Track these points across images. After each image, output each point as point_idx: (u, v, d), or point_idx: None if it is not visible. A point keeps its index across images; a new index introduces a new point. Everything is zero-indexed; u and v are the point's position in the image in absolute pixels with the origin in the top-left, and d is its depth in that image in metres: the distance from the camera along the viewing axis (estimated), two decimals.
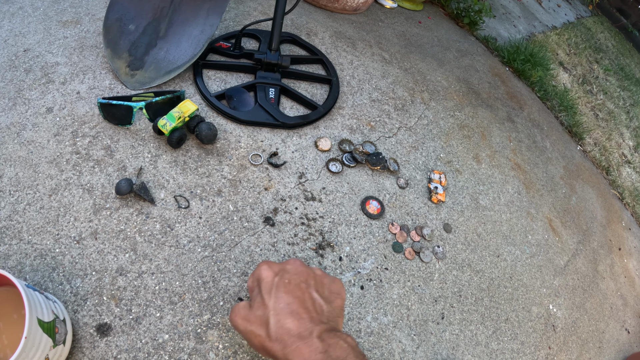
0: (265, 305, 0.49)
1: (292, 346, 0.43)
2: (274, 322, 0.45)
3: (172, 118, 0.91)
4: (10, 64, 1.00)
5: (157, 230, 0.84)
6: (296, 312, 0.47)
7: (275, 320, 0.46)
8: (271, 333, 0.45)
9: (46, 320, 0.58)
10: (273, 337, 0.45)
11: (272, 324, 0.45)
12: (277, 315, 0.46)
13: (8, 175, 0.83)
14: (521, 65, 2.08)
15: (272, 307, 0.48)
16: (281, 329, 0.45)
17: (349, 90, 1.33)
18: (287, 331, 0.44)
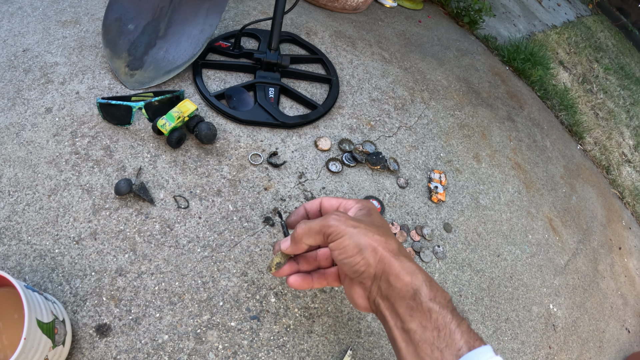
0: (381, 220, 0.46)
1: (411, 260, 0.41)
2: (392, 237, 0.43)
3: (172, 118, 0.91)
4: (9, 64, 1.00)
5: (156, 231, 0.84)
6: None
7: (392, 236, 0.43)
8: (391, 240, 0.42)
9: (45, 321, 0.58)
10: (394, 244, 0.42)
11: (391, 237, 0.43)
12: (392, 236, 0.44)
13: (7, 175, 0.83)
14: (521, 64, 2.08)
15: (387, 227, 0.46)
16: (398, 247, 0.43)
17: (348, 90, 1.33)
18: (405, 252, 0.43)
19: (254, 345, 0.78)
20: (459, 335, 0.35)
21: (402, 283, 0.39)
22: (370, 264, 0.41)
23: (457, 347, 0.35)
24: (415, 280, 0.39)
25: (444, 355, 0.35)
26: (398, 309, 0.39)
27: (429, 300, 0.37)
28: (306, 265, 0.53)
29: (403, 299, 0.39)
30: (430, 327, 0.36)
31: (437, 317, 0.37)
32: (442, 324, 0.36)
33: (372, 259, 0.40)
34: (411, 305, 0.38)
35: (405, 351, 0.38)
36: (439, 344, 0.35)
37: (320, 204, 0.51)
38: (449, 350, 0.35)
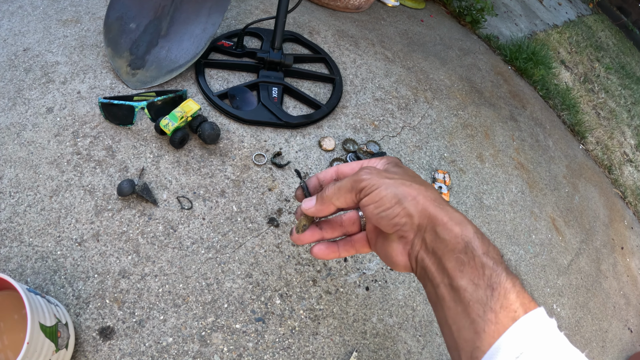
0: (413, 174, 0.42)
1: (457, 211, 0.37)
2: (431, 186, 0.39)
3: (175, 118, 0.90)
4: (9, 63, 0.99)
5: (160, 232, 0.83)
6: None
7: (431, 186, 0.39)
8: (431, 190, 0.38)
9: (48, 325, 0.57)
10: (435, 193, 0.38)
11: (430, 187, 0.39)
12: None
13: (8, 176, 0.82)
14: (523, 63, 2.07)
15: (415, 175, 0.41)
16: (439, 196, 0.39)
17: (352, 90, 1.32)
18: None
19: (259, 347, 0.77)
20: (514, 295, 0.31)
21: (451, 234, 0.34)
22: (413, 214, 0.36)
23: (513, 309, 0.31)
24: (466, 232, 0.34)
25: (498, 317, 0.31)
26: (446, 263, 0.34)
27: (482, 254, 0.33)
28: (330, 232, 0.47)
29: (452, 252, 0.34)
30: (483, 285, 0.32)
31: (491, 274, 0.32)
32: (496, 282, 0.32)
33: (414, 208, 0.36)
34: (462, 259, 0.34)
35: (454, 311, 0.33)
36: (493, 304, 0.31)
37: (336, 171, 0.46)
38: (504, 312, 0.31)
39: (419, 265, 0.38)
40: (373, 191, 0.37)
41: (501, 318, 0.31)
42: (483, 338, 0.31)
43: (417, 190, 0.36)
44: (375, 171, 0.39)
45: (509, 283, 0.32)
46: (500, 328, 0.31)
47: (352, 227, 0.48)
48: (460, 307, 0.33)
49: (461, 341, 0.33)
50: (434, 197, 0.36)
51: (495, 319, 0.31)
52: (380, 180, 0.37)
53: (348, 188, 0.39)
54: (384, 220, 0.37)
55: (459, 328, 0.33)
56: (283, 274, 0.87)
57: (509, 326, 0.30)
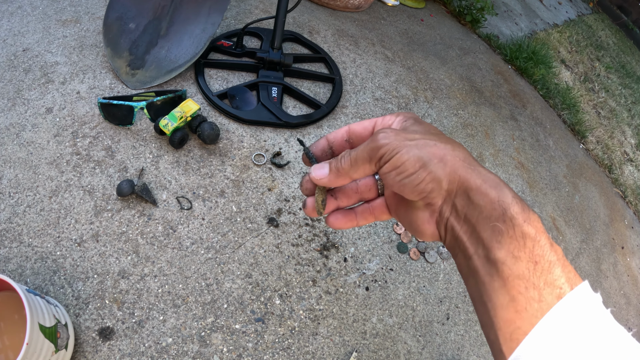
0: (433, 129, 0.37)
1: (488, 170, 0.33)
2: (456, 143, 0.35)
3: (174, 118, 0.90)
4: (9, 63, 0.99)
5: (159, 232, 0.83)
6: None
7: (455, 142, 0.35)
8: (458, 147, 0.34)
9: (48, 326, 0.57)
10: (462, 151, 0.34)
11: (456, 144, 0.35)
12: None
13: (7, 176, 0.82)
14: (524, 63, 2.07)
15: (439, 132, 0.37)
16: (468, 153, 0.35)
17: (352, 89, 1.32)
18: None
19: (259, 347, 0.77)
20: (559, 269, 0.28)
21: (486, 199, 0.30)
22: (440, 178, 0.32)
23: (558, 285, 0.27)
24: (503, 196, 0.30)
25: (542, 294, 0.27)
26: (481, 232, 0.30)
27: (523, 222, 0.29)
28: (346, 200, 0.42)
29: (488, 219, 0.30)
30: (524, 258, 0.28)
31: (534, 245, 0.28)
32: (539, 255, 0.28)
33: (442, 171, 0.31)
34: (500, 228, 0.29)
35: (490, 286, 0.30)
36: (536, 280, 0.28)
37: (347, 131, 0.40)
38: (548, 288, 0.27)
39: (449, 234, 0.34)
40: (393, 156, 0.32)
41: (545, 295, 0.28)
42: (524, 317, 0.28)
43: (444, 150, 0.32)
44: (394, 133, 0.34)
45: (553, 255, 0.28)
46: (545, 306, 0.27)
47: (369, 193, 0.42)
48: (497, 282, 0.29)
49: (498, 320, 0.29)
50: (463, 157, 0.32)
51: (539, 296, 0.28)
52: (400, 143, 0.32)
53: (366, 158, 0.34)
54: (407, 187, 0.33)
55: (496, 305, 0.29)
56: (283, 274, 0.87)
57: (553, 304, 0.27)
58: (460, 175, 0.31)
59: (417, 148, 0.32)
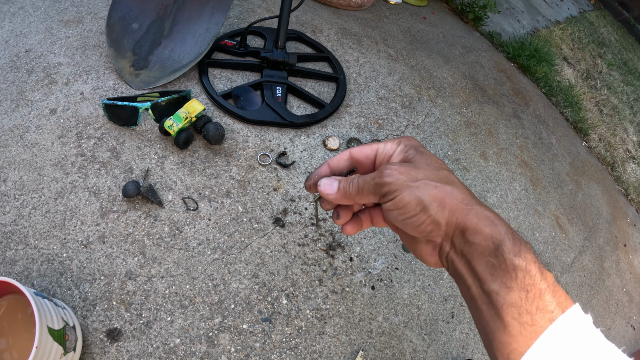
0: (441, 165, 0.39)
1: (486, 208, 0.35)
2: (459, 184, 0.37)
3: (179, 118, 0.90)
4: (11, 65, 0.98)
5: (165, 233, 0.83)
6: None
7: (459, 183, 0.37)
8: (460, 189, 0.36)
9: (56, 328, 0.57)
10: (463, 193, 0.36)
11: (458, 184, 0.37)
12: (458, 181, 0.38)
13: (12, 178, 0.82)
14: (526, 60, 2.06)
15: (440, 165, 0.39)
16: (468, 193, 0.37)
17: (355, 88, 1.32)
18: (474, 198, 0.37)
19: (266, 347, 0.77)
20: (549, 295, 0.31)
21: (480, 237, 0.33)
22: (439, 221, 0.34)
23: (550, 310, 0.30)
24: (496, 233, 0.32)
25: (534, 319, 0.30)
26: (476, 267, 0.33)
27: (514, 256, 0.31)
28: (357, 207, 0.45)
29: (482, 255, 0.33)
30: (516, 288, 0.31)
31: (524, 275, 0.31)
32: (530, 284, 0.31)
33: (441, 214, 0.34)
34: (492, 263, 0.32)
35: (488, 313, 0.32)
36: (528, 306, 0.31)
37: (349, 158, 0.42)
38: (540, 313, 0.30)
39: (450, 266, 0.36)
40: (396, 196, 0.35)
41: (538, 320, 0.30)
42: (520, 340, 0.31)
43: (444, 193, 0.34)
44: (398, 171, 0.35)
45: (544, 283, 0.31)
46: (538, 329, 0.30)
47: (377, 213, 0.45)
48: (493, 310, 0.32)
49: (496, 343, 0.32)
50: (462, 198, 0.34)
51: (532, 320, 0.30)
52: (403, 183, 0.35)
53: (371, 191, 0.37)
54: (408, 226, 0.36)
55: (494, 330, 0.32)
56: (289, 274, 0.87)
57: (546, 327, 0.30)
58: (457, 218, 0.34)
59: (418, 190, 0.34)
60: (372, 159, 0.42)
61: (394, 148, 0.40)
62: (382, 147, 0.41)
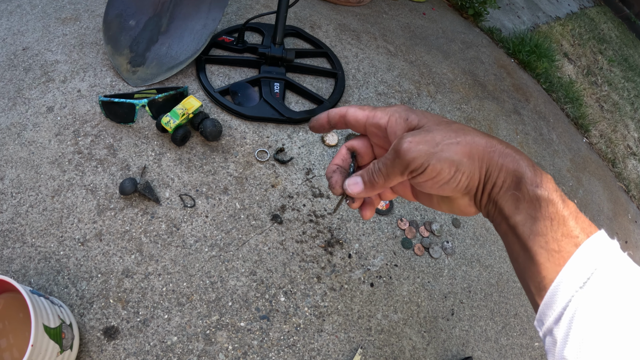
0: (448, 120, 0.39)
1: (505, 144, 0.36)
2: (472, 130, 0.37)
3: (176, 115, 0.89)
4: (9, 63, 0.98)
5: (162, 231, 0.83)
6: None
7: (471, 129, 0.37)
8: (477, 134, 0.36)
9: (52, 327, 0.56)
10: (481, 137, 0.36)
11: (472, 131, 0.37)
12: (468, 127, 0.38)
13: (9, 176, 0.81)
14: (526, 56, 2.05)
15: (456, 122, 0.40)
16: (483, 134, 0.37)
17: (354, 84, 1.31)
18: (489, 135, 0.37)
19: (264, 345, 0.77)
20: (573, 222, 0.32)
21: (505, 174, 0.34)
22: (473, 172, 0.35)
23: (575, 235, 0.31)
24: (518, 167, 0.34)
25: (560, 245, 0.31)
26: (503, 203, 0.34)
27: (536, 187, 0.33)
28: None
29: (507, 190, 0.34)
30: (541, 218, 0.32)
31: (547, 205, 0.32)
32: (553, 212, 0.32)
33: (473, 166, 0.35)
34: (517, 196, 0.34)
35: (517, 245, 0.34)
36: (554, 234, 0.32)
37: (345, 115, 0.42)
38: (566, 239, 0.31)
39: (484, 209, 0.37)
40: (427, 168, 0.34)
41: (564, 245, 0.31)
42: (548, 267, 0.32)
43: (468, 146, 0.35)
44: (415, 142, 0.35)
45: (566, 210, 0.32)
46: (565, 255, 0.31)
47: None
48: (521, 242, 0.33)
49: (527, 272, 0.33)
50: (484, 142, 0.35)
51: (559, 247, 0.32)
52: (428, 152, 0.34)
53: (397, 173, 0.36)
54: (446, 190, 0.36)
55: (524, 260, 0.33)
56: (287, 271, 0.86)
57: (573, 252, 0.31)
58: (486, 163, 0.35)
59: (445, 153, 0.34)
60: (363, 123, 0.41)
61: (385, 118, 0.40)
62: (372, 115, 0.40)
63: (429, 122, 0.37)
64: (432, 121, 0.37)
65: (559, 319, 0.31)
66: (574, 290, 0.30)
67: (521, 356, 1.00)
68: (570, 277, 0.31)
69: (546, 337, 0.32)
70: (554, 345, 0.31)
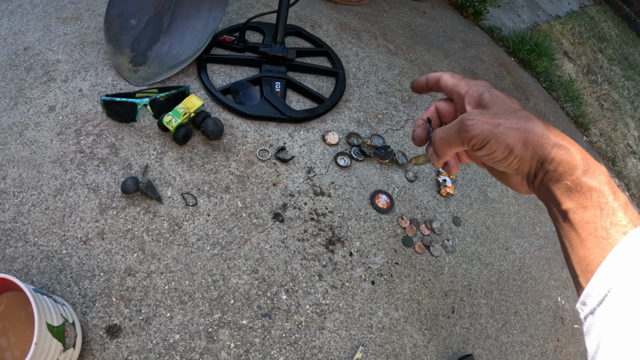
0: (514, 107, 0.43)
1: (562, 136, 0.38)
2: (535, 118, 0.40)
3: (178, 114, 0.89)
4: (10, 62, 0.98)
5: (164, 229, 0.83)
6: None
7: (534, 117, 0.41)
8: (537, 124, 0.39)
9: (55, 325, 0.57)
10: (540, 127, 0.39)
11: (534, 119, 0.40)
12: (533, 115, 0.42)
13: (11, 176, 0.82)
14: (526, 55, 2.05)
15: (522, 109, 0.43)
16: (543, 124, 0.40)
17: (355, 83, 1.31)
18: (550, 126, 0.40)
19: (266, 343, 0.77)
20: (622, 213, 0.34)
21: (558, 165, 0.37)
22: (525, 159, 0.38)
23: (623, 224, 0.34)
24: (571, 159, 0.36)
25: (609, 232, 0.34)
26: (556, 191, 0.37)
27: (588, 178, 0.35)
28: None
29: (559, 180, 0.37)
30: (591, 207, 0.35)
31: (598, 195, 0.35)
32: (603, 203, 0.35)
33: (526, 153, 0.38)
34: (569, 186, 0.37)
35: (567, 229, 0.37)
36: (603, 222, 0.34)
37: (439, 79, 0.48)
38: (614, 228, 0.34)
39: (537, 192, 0.41)
40: (485, 144, 0.39)
41: (612, 233, 0.34)
42: (596, 252, 0.34)
43: (525, 132, 0.38)
44: (478, 118, 0.39)
45: (616, 202, 0.35)
46: (612, 242, 0.33)
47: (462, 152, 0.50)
48: (571, 227, 0.36)
49: (575, 256, 0.36)
50: (541, 133, 0.38)
51: (607, 234, 0.34)
52: (489, 132, 0.38)
53: (458, 143, 0.41)
54: (499, 166, 0.40)
55: (573, 245, 0.36)
56: (289, 269, 0.87)
57: (619, 240, 0.33)
58: (539, 153, 0.38)
59: (503, 136, 0.38)
60: (449, 90, 0.47)
61: (466, 88, 0.45)
62: (458, 86, 0.46)
63: (498, 105, 0.41)
64: (501, 104, 0.41)
65: (602, 301, 0.33)
66: (618, 274, 0.32)
67: (521, 354, 1.00)
68: (615, 263, 0.33)
69: (587, 318, 0.34)
70: (594, 326, 0.33)
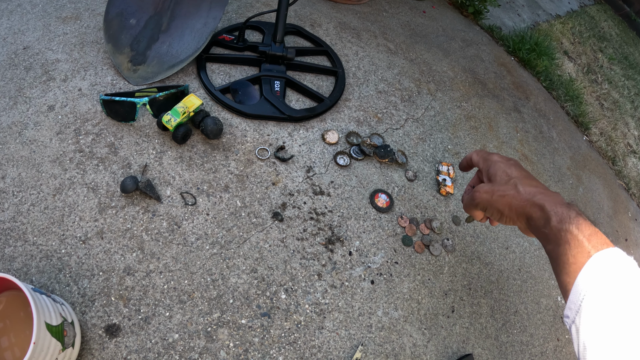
0: (509, 176, 0.60)
1: (540, 194, 0.54)
2: (521, 184, 0.57)
3: (177, 113, 0.89)
4: (9, 62, 0.98)
5: (164, 228, 0.83)
6: (533, 179, 0.60)
7: (521, 183, 0.58)
8: (520, 190, 0.56)
9: (54, 324, 0.57)
10: (522, 192, 0.56)
11: (520, 185, 0.57)
12: (522, 180, 0.59)
13: (11, 175, 0.82)
14: (526, 54, 2.05)
15: (515, 176, 0.60)
16: (528, 187, 0.57)
17: (354, 82, 1.31)
18: (534, 187, 0.57)
19: (265, 342, 0.77)
20: (587, 243, 0.46)
21: (538, 218, 0.52)
22: (513, 218, 0.57)
23: (587, 251, 0.45)
24: (544, 214, 0.51)
25: (577, 259, 0.46)
26: (539, 236, 0.53)
27: (557, 223, 0.49)
28: None
29: (538, 229, 0.52)
30: (562, 243, 0.47)
31: (566, 235, 0.47)
32: (571, 238, 0.47)
33: (512, 213, 0.57)
34: (545, 232, 0.51)
35: (552, 262, 0.51)
36: (572, 252, 0.46)
37: (471, 159, 0.71)
38: (580, 255, 0.45)
39: (534, 235, 0.56)
40: (486, 209, 0.61)
41: (579, 259, 0.46)
42: (570, 273, 0.46)
43: (511, 199, 0.57)
44: (482, 191, 0.61)
45: (582, 235, 0.46)
46: (580, 265, 0.45)
47: None
48: (553, 259, 0.50)
49: (559, 281, 0.49)
50: (521, 198, 0.56)
51: (575, 260, 0.46)
52: (487, 201, 0.60)
53: (472, 207, 0.64)
54: (502, 223, 0.61)
55: (557, 272, 0.49)
56: (288, 268, 0.87)
57: (585, 263, 0.45)
58: (523, 213, 0.56)
59: (496, 204, 0.59)
60: (475, 163, 0.70)
61: (481, 165, 0.67)
62: (477, 162, 0.69)
63: (498, 177, 0.61)
64: (500, 176, 0.61)
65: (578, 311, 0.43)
66: (587, 289, 0.43)
67: (521, 353, 1.00)
68: (584, 280, 0.44)
69: (571, 327, 0.44)
70: (577, 332, 0.43)
